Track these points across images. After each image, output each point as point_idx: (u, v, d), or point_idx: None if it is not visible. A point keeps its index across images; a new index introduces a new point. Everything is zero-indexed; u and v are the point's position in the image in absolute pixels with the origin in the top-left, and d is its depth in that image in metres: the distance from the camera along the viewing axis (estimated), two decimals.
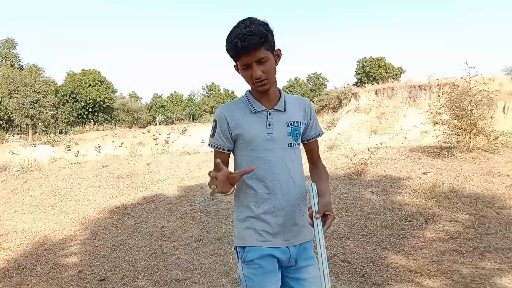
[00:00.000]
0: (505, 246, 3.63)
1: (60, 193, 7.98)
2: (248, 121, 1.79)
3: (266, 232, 1.79)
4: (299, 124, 1.82)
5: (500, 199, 4.75)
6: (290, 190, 1.79)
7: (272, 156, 1.77)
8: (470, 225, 4.16)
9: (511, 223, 4.07)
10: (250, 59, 1.65)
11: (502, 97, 25.93)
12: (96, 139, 29.73)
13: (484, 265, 3.38)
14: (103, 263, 4.52)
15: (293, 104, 1.86)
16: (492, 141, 7.05)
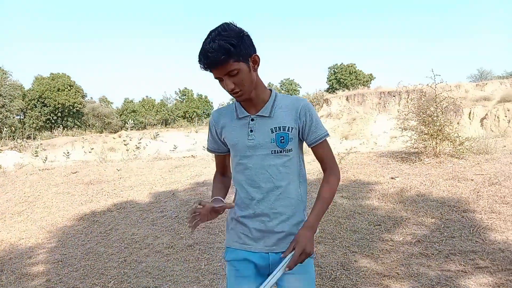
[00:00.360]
0: (469, 248, 3.76)
1: (27, 200, 7.76)
2: (232, 126, 1.81)
3: (245, 236, 1.80)
4: (286, 129, 1.73)
5: (465, 203, 4.91)
6: (272, 197, 1.75)
7: (252, 163, 1.76)
8: (436, 229, 4.29)
9: (474, 226, 4.21)
10: (220, 72, 1.62)
11: (468, 103, 26.82)
12: (65, 144, 29.04)
13: (449, 267, 3.49)
14: (72, 272, 4.43)
15: (285, 108, 1.77)
16: (458, 146, 7.27)
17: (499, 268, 3.36)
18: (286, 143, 1.73)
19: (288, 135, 1.73)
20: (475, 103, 26.72)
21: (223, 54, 1.56)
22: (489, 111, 24.78)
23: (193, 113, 60.94)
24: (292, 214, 1.78)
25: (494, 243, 3.79)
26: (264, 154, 1.74)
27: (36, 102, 53.05)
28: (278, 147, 1.73)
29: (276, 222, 1.76)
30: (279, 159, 1.74)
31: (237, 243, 1.84)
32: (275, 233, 1.77)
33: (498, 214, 4.45)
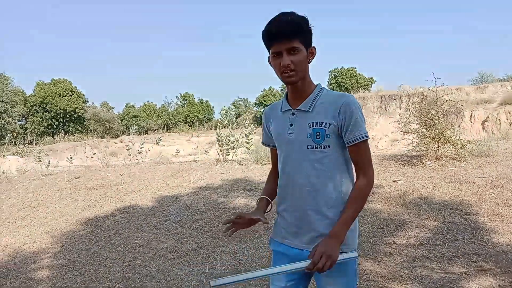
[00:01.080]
0: (472, 251, 3.78)
1: (31, 205, 7.80)
2: (277, 119, 1.86)
3: (284, 230, 1.84)
4: (323, 125, 1.69)
5: (467, 205, 4.93)
6: (305, 194, 1.74)
7: (289, 156, 1.78)
8: (439, 231, 4.31)
9: (477, 229, 4.23)
10: (282, 46, 1.65)
11: (469, 106, 26.82)
12: (67, 149, 29.11)
13: (453, 269, 3.51)
14: (76, 276, 4.45)
15: (327, 103, 1.73)
16: (459, 149, 7.30)
17: (502, 271, 3.38)
18: (322, 139, 1.69)
19: (325, 131, 1.69)
20: (476, 106, 26.68)
21: (295, 26, 1.64)
22: (490, 114, 24.74)
23: (194, 117, 61.02)
24: (328, 213, 1.73)
25: (497, 246, 3.81)
26: (301, 149, 1.73)
27: (37, 107, 53.15)
28: (314, 143, 1.70)
29: (310, 219, 1.74)
30: (314, 155, 1.71)
31: (278, 236, 1.88)
32: (309, 230, 1.75)
33: (500, 216, 4.47)
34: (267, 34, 1.69)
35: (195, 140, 33.89)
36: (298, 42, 1.65)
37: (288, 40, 1.64)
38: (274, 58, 1.71)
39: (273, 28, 1.65)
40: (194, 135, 39.07)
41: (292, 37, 1.64)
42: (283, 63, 1.66)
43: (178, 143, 31.58)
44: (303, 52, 1.68)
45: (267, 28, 1.68)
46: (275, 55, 1.69)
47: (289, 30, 1.63)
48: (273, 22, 1.66)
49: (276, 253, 1.89)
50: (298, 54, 1.66)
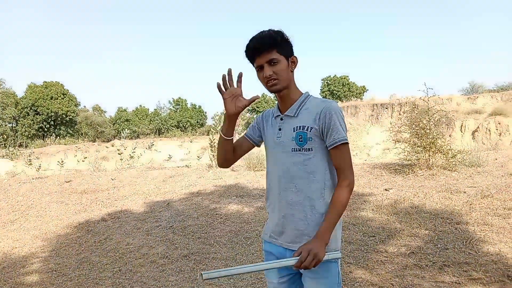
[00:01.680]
0: (462, 260, 3.80)
1: (20, 209, 7.72)
2: (269, 123, 2.00)
3: (271, 228, 1.96)
4: (305, 129, 1.82)
5: (458, 215, 4.97)
6: (289, 194, 1.84)
7: (276, 159, 1.90)
8: (430, 240, 4.33)
9: (468, 238, 4.26)
10: (262, 60, 1.80)
11: (459, 116, 27.11)
12: (58, 153, 28.88)
13: (443, 278, 3.53)
14: (66, 281, 4.41)
15: (311, 108, 1.86)
16: (450, 159, 7.36)
17: (492, 280, 3.41)
18: (305, 142, 1.81)
19: (307, 134, 1.81)
20: (467, 116, 27.01)
21: (271, 40, 1.79)
22: (480, 124, 25.03)
23: (187, 122, 60.94)
24: (310, 214, 1.82)
25: (487, 255, 3.84)
26: (287, 152, 1.85)
27: (29, 110, 52.78)
28: (297, 145, 1.82)
29: (294, 219, 1.84)
30: (298, 157, 1.82)
31: (266, 234, 2.00)
32: (293, 229, 1.85)
33: (490, 226, 4.51)
34: (248, 50, 1.84)
35: (187, 146, 33.80)
36: (276, 53, 1.80)
37: (267, 53, 1.79)
38: (258, 72, 1.86)
39: (251, 45, 1.82)
40: (187, 140, 38.96)
41: (269, 49, 1.79)
42: (265, 74, 1.81)
43: (170, 148, 31.47)
44: (283, 62, 1.82)
45: (247, 46, 1.84)
46: (259, 69, 1.84)
47: (265, 44, 1.79)
48: (251, 40, 1.82)
49: (266, 252, 2.01)
50: (278, 64, 1.81)
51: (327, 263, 1.78)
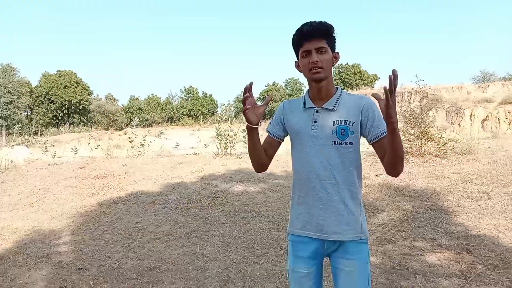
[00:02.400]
0: (429, 236, 4.26)
1: (38, 193, 8.31)
2: (298, 115, 1.98)
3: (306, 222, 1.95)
4: (348, 123, 1.85)
5: (436, 197, 5.40)
6: (328, 186, 1.87)
7: (313, 151, 1.89)
8: (406, 219, 4.79)
9: (439, 218, 4.70)
10: (311, 45, 1.83)
11: (469, 105, 27.18)
12: (72, 141, 29.68)
13: (410, 251, 3.99)
14: (81, 255, 4.94)
15: (349, 104, 1.90)
16: (441, 146, 7.74)
17: (453, 253, 3.85)
18: (346, 135, 1.85)
19: (349, 128, 1.85)
20: (477, 104, 27.06)
21: (325, 28, 1.85)
22: (490, 113, 25.10)
23: (198, 111, 61.52)
24: (350, 205, 1.89)
25: (453, 232, 4.29)
26: (325, 144, 1.87)
27: (43, 98, 53.79)
28: (338, 139, 1.85)
29: (334, 210, 1.88)
30: (338, 150, 1.86)
31: (299, 228, 1.98)
32: (333, 221, 1.88)
33: (463, 207, 4.95)
34: (299, 34, 1.87)
35: (198, 134, 34.36)
36: (325, 43, 1.84)
37: (317, 40, 1.83)
38: (303, 57, 1.88)
39: (305, 29, 1.84)
40: (198, 128, 39.52)
41: (321, 37, 1.83)
42: (312, 60, 1.83)
43: (181, 136, 32.08)
44: (329, 53, 1.86)
45: (299, 29, 1.87)
46: (305, 54, 1.87)
47: (319, 31, 1.83)
48: (305, 24, 1.85)
49: (297, 243, 1.99)
50: (326, 54, 1.84)
51: (359, 243, 1.88)
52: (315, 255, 1.96)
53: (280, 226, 5.14)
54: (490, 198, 5.19)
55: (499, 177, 5.96)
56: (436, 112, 21.67)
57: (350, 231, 1.87)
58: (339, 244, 1.90)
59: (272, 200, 6.15)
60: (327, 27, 1.85)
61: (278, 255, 4.32)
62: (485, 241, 4.09)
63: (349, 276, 1.89)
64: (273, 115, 2.12)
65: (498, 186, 5.58)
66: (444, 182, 6.01)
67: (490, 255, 3.80)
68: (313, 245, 1.94)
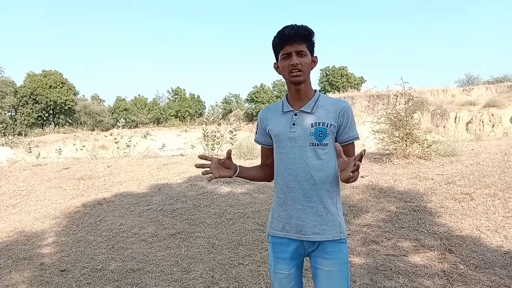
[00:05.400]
0: (412, 237, 4.30)
1: (21, 194, 8.20)
2: (277, 119, 2.03)
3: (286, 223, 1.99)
4: (325, 125, 1.90)
5: (419, 199, 5.45)
6: (307, 187, 1.91)
7: (291, 153, 1.94)
8: (390, 220, 4.82)
9: (423, 219, 4.75)
10: (292, 48, 1.88)
11: (454, 108, 27.58)
12: (57, 141, 29.37)
13: (394, 252, 4.02)
14: (64, 257, 4.89)
15: (326, 106, 1.95)
16: (426, 148, 7.82)
17: (435, 253, 3.90)
18: (324, 137, 1.90)
19: (326, 130, 1.90)
20: (461, 107, 27.48)
21: (306, 32, 1.90)
22: (474, 116, 25.51)
23: (185, 112, 61.25)
24: (328, 204, 1.93)
25: (436, 233, 4.33)
26: (303, 146, 1.92)
27: (27, 99, 53.00)
28: (316, 140, 1.90)
29: (313, 211, 1.92)
30: (315, 152, 1.91)
31: (278, 229, 2.02)
32: (311, 221, 1.92)
33: (446, 208, 5.00)
34: (280, 36, 1.92)
35: (185, 135, 34.23)
36: (305, 47, 1.90)
37: (298, 43, 1.88)
38: (283, 60, 1.93)
39: (286, 32, 1.88)
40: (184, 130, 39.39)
41: (302, 41, 1.89)
42: (292, 62, 1.88)
43: (168, 137, 31.93)
44: (309, 57, 1.92)
45: (281, 31, 1.91)
46: (285, 56, 1.92)
47: (300, 34, 1.88)
48: (287, 27, 1.90)
49: (276, 245, 2.03)
50: (305, 57, 1.90)
51: (338, 243, 1.93)
52: (295, 256, 2.00)
53: (265, 227, 5.14)
54: (472, 199, 5.25)
55: (481, 178, 6.04)
56: (421, 115, 21.97)
57: (329, 231, 1.92)
58: (318, 244, 1.94)
59: (258, 201, 6.14)
60: (308, 31, 1.90)
61: (263, 256, 4.31)
62: (467, 241, 4.15)
63: (328, 275, 1.93)
64: (257, 124, 2.19)
65: (480, 187, 5.65)
66: (428, 183, 6.07)
67: (472, 255, 3.85)
68: (292, 245, 1.98)
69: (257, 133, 2.19)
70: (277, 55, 1.99)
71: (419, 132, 7.92)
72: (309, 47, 1.92)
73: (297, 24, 1.90)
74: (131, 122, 55.47)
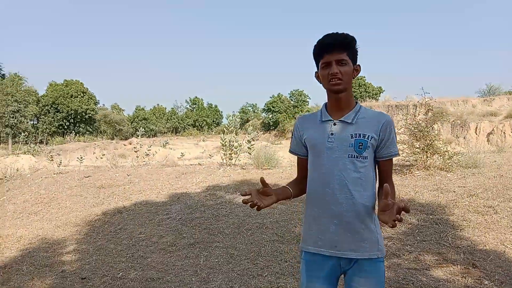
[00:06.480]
0: (435, 250, 4.22)
1: (43, 201, 8.33)
2: (314, 128, 1.95)
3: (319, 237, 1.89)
4: (366, 137, 1.83)
5: (441, 211, 5.36)
6: (343, 200, 1.82)
7: (328, 164, 1.85)
8: (411, 233, 4.75)
9: (445, 232, 4.67)
10: (332, 57, 1.82)
11: (475, 118, 27.16)
12: (77, 150, 29.83)
13: (416, 265, 3.96)
14: (84, 265, 4.94)
15: (368, 118, 1.88)
16: (447, 160, 7.71)
17: (458, 268, 3.82)
18: (364, 149, 1.82)
19: (367, 142, 1.82)
20: (482, 118, 27.06)
21: (346, 41, 1.84)
22: (495, 127, 25.06)
23: (203, 121, 61.73)
24: (365, 219, 1.84)
25: (459, 247, 4.25)
26: (341, 157, 1.83)
27: (49, 107, 54.16)
28: (355, 152, 1.82)
29: (349, 226, 1.83)
30: (354, 164, 1.82)
31: (311, 244, 1.93)
32: (348, 237, 1.83)
33: (468, 222, 4.91)
34: (320, 45, 1.87)
35: (203, 144, 34.42)
36: (346, 55, 1.83)
37: (338, 52, 1.82)
38: (323, 69, 1.87)
39: (326, 40, 1.84)
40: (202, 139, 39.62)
41: (342, 49, 1.82)
42: (331, 71, 1.82)
43: (186, 146, 32.15)
44: (350, 65, 1.85)
45: (321, 40, 1.86)
46: (325, 65, 1.86)
47: (340, 43, 1.82)
48: (327, 35, 1.85)
49: (311, 263, 1.93)
50: (346, 66, 1.83)
51: (375, 262, 1.83)
52: (329, 274, 1.90)
53: (284, 239, 5.11)
54: (496, 212, 5.15)
55: (505, 191, 5.92)
56: (441, 125, 21.66)
57: (366, 249, 1.83)
58: (354, 262, 1.85)
59: (277, 212, 6.12)
60: (348, 39, 1.84)
61: (282, 267, 4.29)
62: (491, 256, 4.06)
63: None
64: (292, 133, 2.12)
65: (504, 200, 5.54)
66: (449, 195, 5.97)
67: (496, 270, 3.77)
68: (328, 263, 1.88)
69: (292, 143, 2.12)
70: (317, 63, 1.93)
71: (440, 143, 7.81)
72: (350, 55, 1.85)
73: (338, 32, 1.85)
74: (150, 131, 56.09)
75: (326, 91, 1.93)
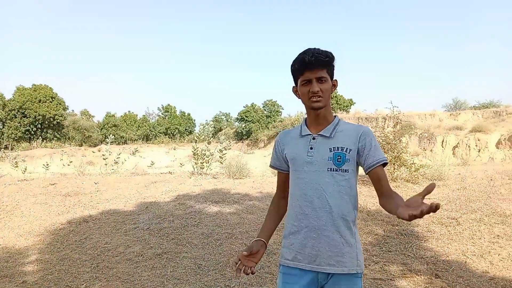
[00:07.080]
0: (400, 261, 4.31)
1: (6, 209, 8.06)
2: (294, 143, 1.96)
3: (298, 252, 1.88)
4: (344, 150, 1.83)
5: (406, 223, 5.48)
6: (323, 214, 1.82)
7: (307, 178, 1.86)
8: (377, 243, 4.83)
9: (410, 243, 4.77)
10: (312, 75, 1.83)
11: (441, 132, 27.97)
12: (44, 156, 29.07)
13: (381, 276, 4.02)
14: (47, 275, 4.79)
15: (346, 131, 1.89)
16: (413, 172, 7.90)
17: (422, 278, 3.91)
18: (343, 162, 1.82)
19: (345, 155, 1.82)
20: (448, 131, 27.92)
21: (326, 58, 1.84)
22: (461, 140, 25.88)
23: (175, 129, 61.15)
24: (345, 234, 1.82)
25: (422, 257, 4.35)
26: (320, 171, 1.84)
27: (16, 112, 52.58)
28: (334, 165, 1.82)
29: (328, 240, 1.81)
30: (333, 178, 1.82)
31: (287, 259, 1.92)
32: (327, 251, 1.82)
33: (432, 233, 5.04)
34: (301, 62, 1.85)
35: (174, 153, 34.10)
36: (326, 72, 1.85)
37: (318, 70, 1.83)
38: (303, 86, 1.88)
39: (307, 58, 1.82)
40: (173, 147, 39.25)
41: (322, 67, 1.84)
42: (312, 90, 1.83)
43: (156, 154, 31.78)
44: (329, 82, 1.88)
45: (301, 57, 1.85)
46: (305, 82, 1.86)
47: (320, 61, 1.82)
48: (307, 52, 1.84)
49: (288, 276, 1.91)
50: (326, 83, 1.85)
51: (353, 277, 1.81)
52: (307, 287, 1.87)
53: None
54: (459, 224, 5.30)
55: (468, 203, 6.11)
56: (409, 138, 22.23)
57: (345, 263, 1.81)
58: (331, 276, 1.82)
59: (247, 222, 6.12)
60: (328, 57, 1.86)
61: (250, 278, 4.28)
62: (453, 266, 4.17)
63: None
64: (274, 148, 2.12)
65: (466, 212, 5.71)
66: None
67: (458, 280, 3.87)
68: (306, 278, 1.85)
69: (272, 158, 2.12)
70: (296, 79, 1.94)
71: (407, 156, 8.00)
72: (329, 72, 1.88)
73: (318, 50, 1.85)
74: (120, 139, 55.14)
75: (304, 106, 1.95)
